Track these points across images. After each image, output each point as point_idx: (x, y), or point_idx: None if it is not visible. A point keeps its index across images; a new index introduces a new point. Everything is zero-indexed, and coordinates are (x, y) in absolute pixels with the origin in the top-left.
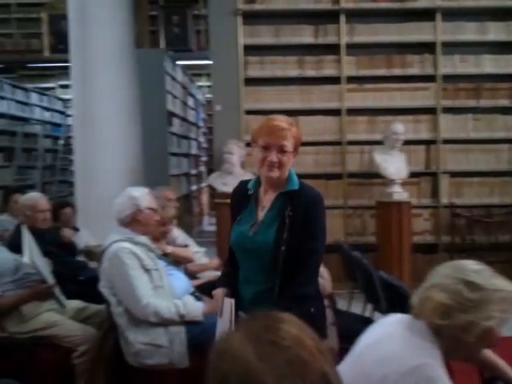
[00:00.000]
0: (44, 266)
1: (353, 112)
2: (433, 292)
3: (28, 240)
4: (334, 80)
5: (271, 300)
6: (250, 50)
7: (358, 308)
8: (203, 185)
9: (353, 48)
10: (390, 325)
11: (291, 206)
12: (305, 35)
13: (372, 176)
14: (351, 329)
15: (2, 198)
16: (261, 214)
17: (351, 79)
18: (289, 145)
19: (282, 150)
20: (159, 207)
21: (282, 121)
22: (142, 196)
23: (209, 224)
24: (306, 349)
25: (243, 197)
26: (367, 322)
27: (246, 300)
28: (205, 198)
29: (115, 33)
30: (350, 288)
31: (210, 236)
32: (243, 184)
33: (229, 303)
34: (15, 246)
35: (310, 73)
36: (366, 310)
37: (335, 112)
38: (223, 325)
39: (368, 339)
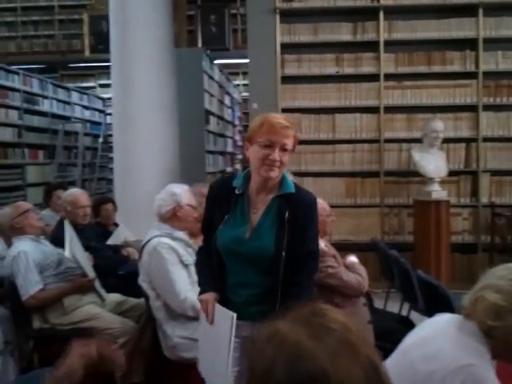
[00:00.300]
0: (85, 260)
1: (391, 109)
2: (486, 293)
3: (69, 234)
4: (372, 77)
5: (269, 302)
6: (288, 48)
7: (394, 307)
8: None
9: (391, 45)
10: (440, 323)
11: (289, 209)
12: (343, 33)
13: (410, 174)
14: (387, 327)
15: (44, 194)
16: (255, 218)
17: (390, 76)
18: (290, 144)
19: (283, 149)
20: (197, 204)
21: (283, 119)
22: (183, 193)
23: None
24: (354, 334)
25: (229, 195)
26: (404, 321)
27: (237, 303)
28: None
29: (154, 32)
30: (386, 287)
31: None
32: (226, 181)
33: (229, 317)
34: (58, 241)
35: (348, 70)
36: (403, 310)
37: (373, 109)
38: (215, 335)
39: (416, 336)
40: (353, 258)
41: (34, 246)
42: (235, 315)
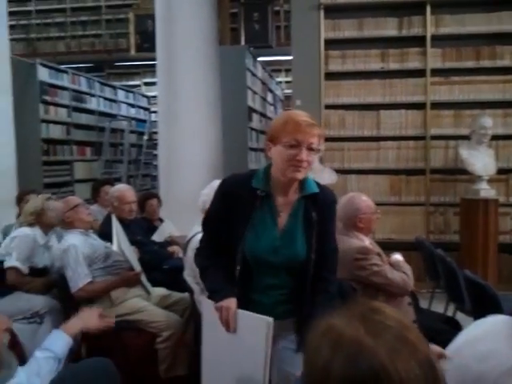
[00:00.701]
0: (131, 254)
1: (438, 106)
2: None
3: (116, 228)
4: (419, 73)
5: (298, 300)
6: (332, 44)
7: (439, 308)
8: None
9: (438, 40)
10: (493, 323)
11: (315, 210)
12: (388, 28)
13: (457, 172)
14: (432, 327)
15: (92, 190)
16: (281, 221)
17: (436, 72)
18: (316, 143)
19: (309, 148)
20: None
21: (307, 116)
22: None
23: None
24: (411, 331)
25: (250, 197)
26: (450, 321)
27: (265, 305)
28: None
29: (199, 30)
30: (431, 287)
31: None
32: (244, 180)
33: (263, 323)
34: (105, 235)
35: (394, 66)
36: (448, 310)
37: (419, 106)
38: (239, 344)
39: (467, 336)
40: (397, 256)
41: (83, 239)
42: (272, 320)
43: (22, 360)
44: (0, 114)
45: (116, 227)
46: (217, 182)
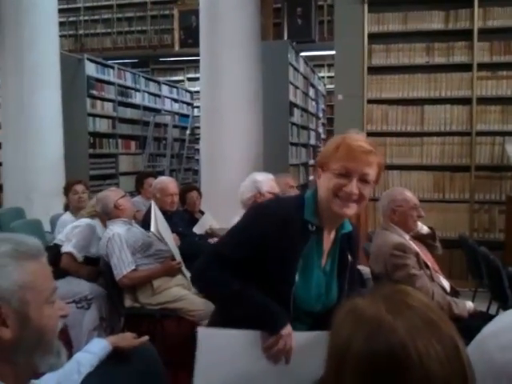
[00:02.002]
0: (170, 240)
1: (484, 101)
2: None
3: (155, 213)
4: (465, 67)
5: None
6: (376, 38)
7: (481, 306)
8: None
9: (486, 33)
10: None
11: (349, 250)
12: (434, 21)
13: (503, 169)
14: (475, 326)
15: (136, 182)
16: (323, 263)
17: (483, 66)
18: (372, 174)
19: (364, 180)
20: (281, 193)
21: (365, 141)
22: (265, 180)
23: None
24: (435, 313)
25: (302, 231)
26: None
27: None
28: None
29: (242, 26)
30: (473, 285)
31: None
32: (294, 210)
33: (321, 337)
34: (148, 225)
35: (439, 60)
36: (491, 309)
37: (464, 101)
38: (299, 367)
39: (493, 327)
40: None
41: (127, 229)
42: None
43: (67, 345)
44: (49, 107)
45: (155, 212)
46: (256, 175)
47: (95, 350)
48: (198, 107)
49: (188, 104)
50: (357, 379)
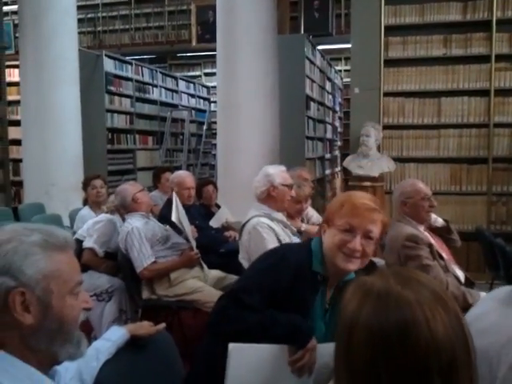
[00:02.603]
0: (189, 230)
1: (502, 92)
2: None
3: (177, 204)
4: (483, 59)
5: None
6: (392, 30)
7: None
8: (337, 169)
9: (505, 24)
10: (495, 296)
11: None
12: (452, 12)
13: None
14: None
15: (154, 176)
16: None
17: (502, 58)
18: (376, 231)
19: (367, 237)
20: (295, 186)
21: (370, 200)
22: (277, 173)
23: None
24: (443, 291)
25: (310, 281)
26: None
27: None
28: (338, 182)
29: (258, 20)
30: (490, 278)
31: None
32: (305, 259)
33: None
34: (165, 219)
35: (457, 52)
36: None
37: (482, 93)
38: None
39: (478, 309)
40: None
41: (144, 222)
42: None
43: (89, 336)
44: (68, 103)
45: (176, 202)
46: (267, 168)
47: (114, 337)
48: (214, 102)
49: (205, 99)
50: (366, 350)
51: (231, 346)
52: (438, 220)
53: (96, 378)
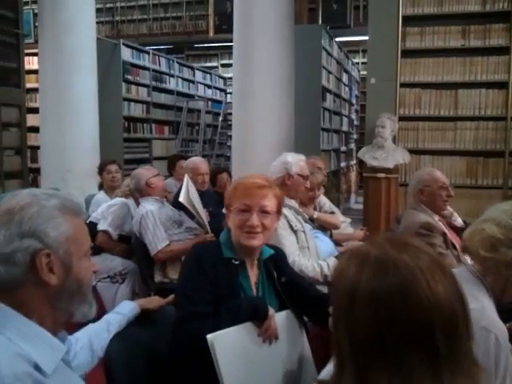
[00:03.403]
0: (204, 215)
1: None
2: (486, 225)
3: (189, 187)
4: (502, 50)
5: None
6: (410, 20)
7: None
8: (352, 162)
9: None
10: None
11: (277, 272)
12: (471, 3)
13: None
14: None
15: (168, 164)
16: (254, 292)
17: None
18: (272, 205)
19: (264, 211)
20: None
21: (260, 178)
22: (295, 162)
23: (356, 202)
24: (443, 261)
25: (225, 267)
26: None
27: None
28: (353, 175)
29: (276, 10)
30: None
31: (356, 214)
32: (215, 251)
33: (292, 315)
34: (178, 204)
35: (475, 43)
36: None
37: (500, 85)
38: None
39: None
40: None
41: (158, 207)
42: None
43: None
44: (86, 92)
45: (187, 184)
46: (286, 155)
47: (124, 311)
48: (230, 93)
49: (221, 90)
50: (369, 314)
51: (209, 336)
52: (457, 220)
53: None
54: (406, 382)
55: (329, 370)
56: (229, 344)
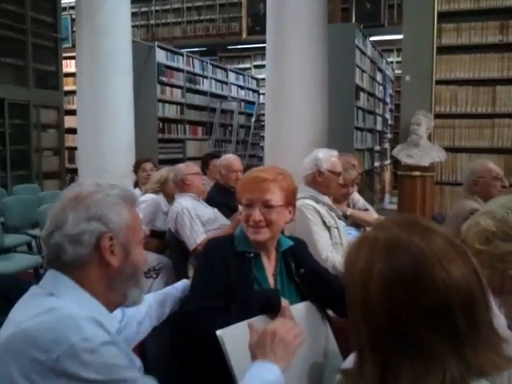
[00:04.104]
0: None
1: None
2: (482, 218)
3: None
4: None
5: None
6: (446, 17)
7: None
8: (387, 162)
9: None
10: None
11: (295, 263)
12: None
13: None
14: None
15: (202, 163)
16: (272, 283)
17: None
18: (276, 199)
19: (268, 206)
20: (342, 169)
21: (264, 171)
22: (326, 158)
23: (390, 203)
24: (457, 241)
25: (238, 262)
26: None
27: None
28: (387, 175)
29: (310, 9)
30: None
31: (390, 215)
32: (228, 246)
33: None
34: (212, 201)
35: None
36: None
37: None
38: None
39: None
40: None
41: (193, 203)
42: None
43: None
44: (121, 93)
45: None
46: (318, 152)
47: (178, 285)
48: (263, 94)
49: (254, 91)
50: (385, 299)
51: (219, 333)
52: None
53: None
54: (429, 362)
55: (352, 359)
56: (240, 338)
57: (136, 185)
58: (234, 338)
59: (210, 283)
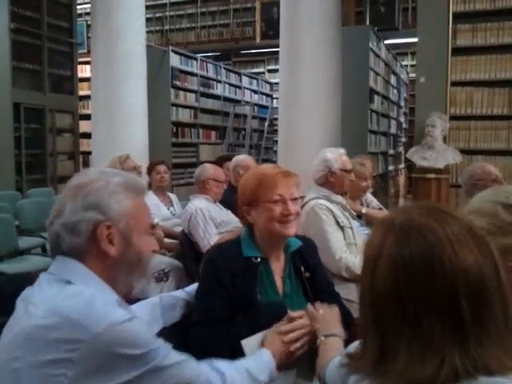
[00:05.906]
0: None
1: None
2: (473, 217)
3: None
4: None
5: None
6: (461, 17)
7: None
8: (401, 166)
9: None
10: None
11: (303, 265)
12: None
13: None
14: None
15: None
16: (280, 286)
17: None
18: (296, 192)
19: (293, 198)
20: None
21: (277, 167)
22: (335, 158)
23: None
24: (479, 230)
25: (244, 268)
26: None
27: None
28: (402, 179)
29: (323, 12)
30: None
31: None
32: (234, 252)
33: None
34: (225, 203)
35: None
36: None
37: None
38: None
39: None
40: None
41: (208, 205)
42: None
43: None
44: (135, 98)
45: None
46: (326, 152)
47: (188, 289)
48: (277, 99)
49: (267, 95)
50: (390, 280)
51: (243, 342)
52: None
53: None
54: (427, 344)
55: (354, 346)
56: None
57: (149, 187)
58: (255, 346)
59: (215, 294)
